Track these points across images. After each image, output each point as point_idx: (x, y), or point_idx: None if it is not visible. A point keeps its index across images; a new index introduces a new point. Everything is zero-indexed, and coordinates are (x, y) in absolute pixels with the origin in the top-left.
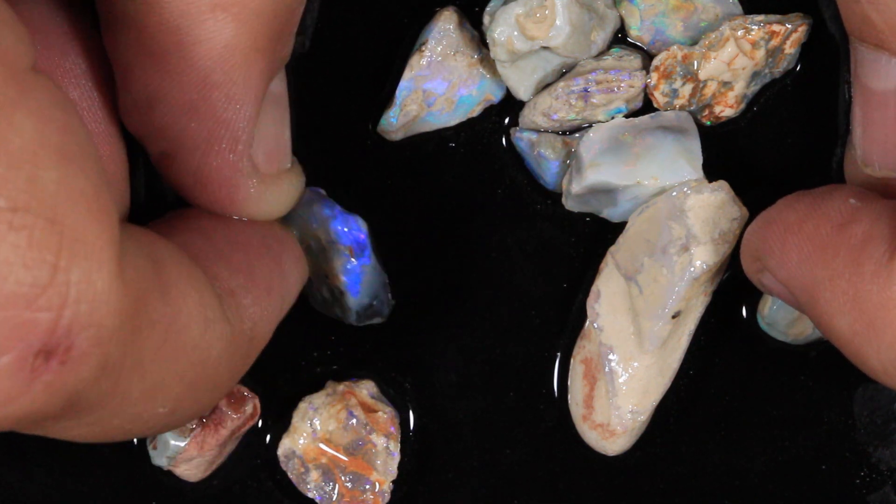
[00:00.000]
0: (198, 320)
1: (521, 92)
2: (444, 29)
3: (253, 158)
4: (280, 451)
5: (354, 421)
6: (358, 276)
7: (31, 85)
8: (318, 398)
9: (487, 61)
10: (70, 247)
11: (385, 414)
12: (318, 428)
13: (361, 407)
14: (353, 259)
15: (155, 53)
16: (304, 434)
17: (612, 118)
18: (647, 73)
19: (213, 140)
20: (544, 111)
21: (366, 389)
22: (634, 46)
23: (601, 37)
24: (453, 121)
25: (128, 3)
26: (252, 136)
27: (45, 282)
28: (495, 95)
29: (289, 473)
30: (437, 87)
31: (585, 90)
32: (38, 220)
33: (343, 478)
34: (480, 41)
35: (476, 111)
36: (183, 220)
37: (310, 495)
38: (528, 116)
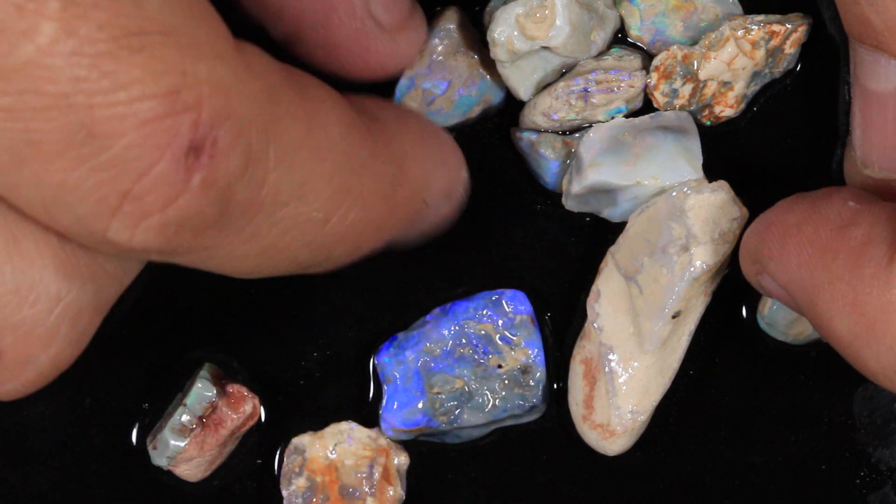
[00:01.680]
0: (337, 120)
1: (522, 92)
2: (446, 28)
3: (374, 15)
4: (295, 440)
5: (367, 475)
6: (539, 341)
7: None
8: (361, 432)
9: (488, 62)
10: (190, 50)
11: (394, 493)
12: (337, 454)
13: (384, 472)
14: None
15: None
16: (325, 446)
17: (612, 118)
18: (647, 73)
19: (331, 9)
20: (544, 111)
21: (399, 460)
22: (634, 46)
23: (601, 37)
24: (451, 121)
25: None
26: None
27: (176, 87)
28: (495, 97)
29: (284, 462)
30: (436, 86)
31: (585, 90)
32: (153, 36)
33: None
34: (482, 41)
35: (475, 112)
36: None
37: (283, 493)
38: (528, 116)
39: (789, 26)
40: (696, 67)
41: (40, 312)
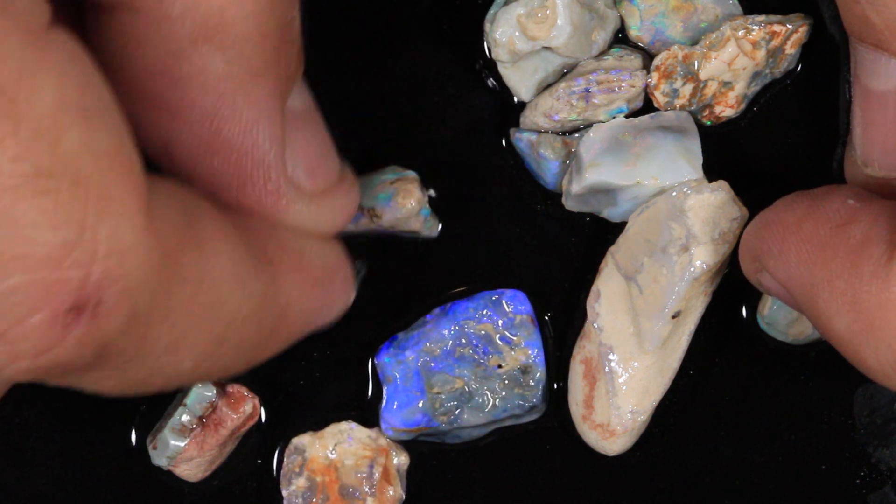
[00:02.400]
0: (229, 278)
1: (523, 92)
2: (401, 213)
3: (294, 180)
4: (295, 440)
5: (367, 475)
6: (539, 341)
7: (49, 45)
8: (361, 432)
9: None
10: (96, 204)
11: (393, 493)
12: (337, 454)
13: (384, 472)
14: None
15: (153, 98)
16: (325, 446)
17: (613, 118)
18: (648, 72)
19: (244, 174)
20: (545, 112)
21: (399, 460)
22: (635, 47)
23: (602, 37)
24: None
25: (115, 51)
26: (282, 159)
27: (73, 240)
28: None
29: (284, 462)
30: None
31: (587, 90)
32: (62, 182)
33: None
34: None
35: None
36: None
37: (283, 493)
38: (530, 117)
39: (790, 27)
40: (696, 67)
41: None
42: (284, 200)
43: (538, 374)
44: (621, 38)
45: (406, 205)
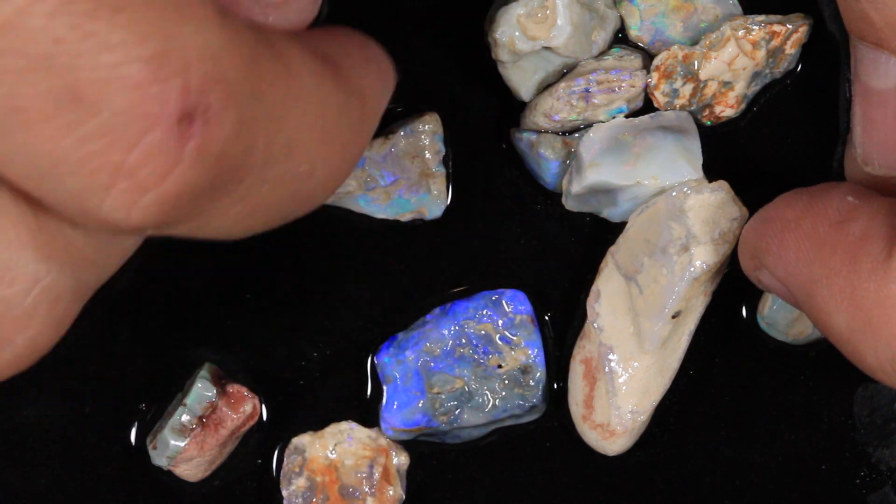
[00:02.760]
0: (307, 72)
1: (523, 92)
2: (419, 129)
3: None
4: (295, 440)
5: (367, 475)
6: (539, 340)
7: None
8: (361, 432)
9: (440, 180)
10: (174, 13)
11: (393, 493)
12: (337, 454)
13: (384, 472)
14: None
15: None
16: (325, 446)
17: (613, 118)
18: (648, 72)
19: None
20: (545, 112)
21: (399, 460)
22: (635, 46)
23: (602, 37)
24: (379, 214)
25: None
26: None
27: (161, 50)
28: (430, 212)
29: (284, 462)
30: (383, 177)
31: (587, 90)
32: (132, 1)
33: None
34: (445, 157)
35: (406, 217)
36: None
37: (283, 493)
38: (530, 117)
39: (790, 27)
40: (696, 67)
41: (17, 294)
42: (244, 5)
43: (538, 374)
44: (621, 38)
45: (424, 127)
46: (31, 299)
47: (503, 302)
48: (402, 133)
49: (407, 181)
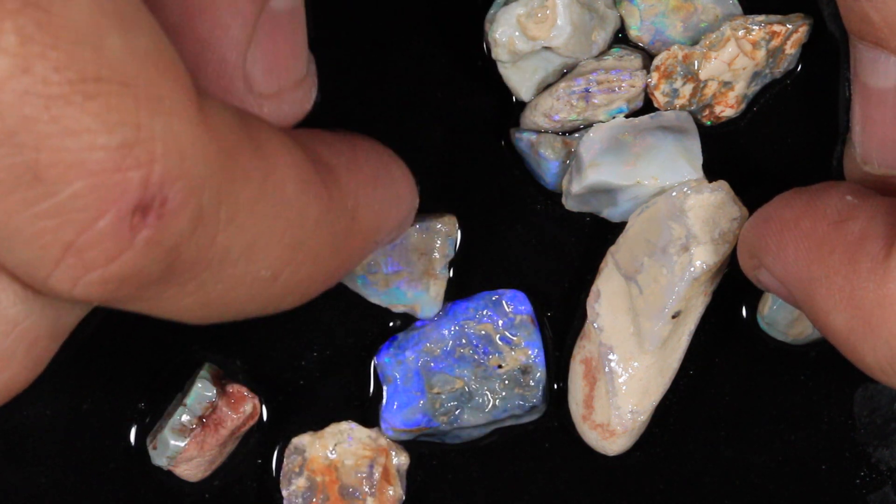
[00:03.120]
0: (291, 178)
1: (523, 92)
2: (434, 228)
3: (249, 78)
4: (295, 440)
5: (367, 475)
6: (539, 340)
7: None
8: (361, 432)
9: (441, 283)
10: (147, 104)
11: (393, 493)
12: (337, 454)
13: (384, 472)
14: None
15: None
16: (325, 446)
17: (613, 118)
18: (648, 72)
19: (201, 63)
20: (545, 112)
21: (399, 460)
22: (635, 46)
23: (602, 37)
24: (372, 298)
25: None
26: (243, 57)
27: (130, 140)
28: (422, 311)
29: (284, 462)
30: (387, 264)
31: (587, 90)
32: (110, 85)
33: None
34: (451, 262)
35: (397, 308)
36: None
37: (283, 493)
38: (529, 117)
39: (790, 27)
40: (696, 67)
41: None
42: (234, 95)
43: (538, 374)
44: (621, 38)
45: (440, 227)
46: (10, 342)
47: (503, 302)
48: (417, 227)
49: (409, 275)
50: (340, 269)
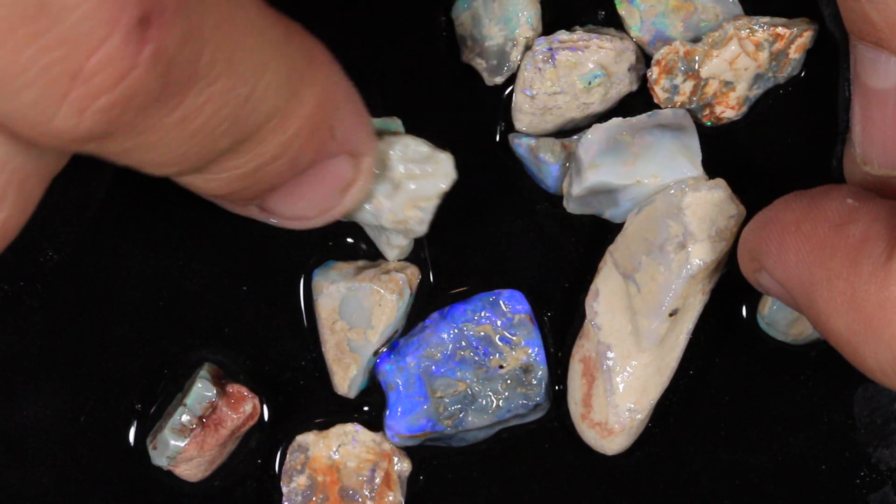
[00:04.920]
0: (253, 3)
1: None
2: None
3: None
4: (299, 438)
5: (368, 479)
6: (538, 339)
7: None
8: (365, 435)
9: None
10: None
11: (393, 499)
12: (340, 455)
13: (385, 477)
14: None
15: None
16: (328, 447)
17: (591, 83)
18: (648, 67)
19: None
20: (522, 89)
21: (401, 466)
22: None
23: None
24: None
25: None
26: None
27: None
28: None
29: (286, 459)
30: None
31: (549, 50)
32: None
33: None
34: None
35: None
36: None
37: (283, 490)
38: (516, 111)
39: (794, 30)
40: (697, 65)
41: None
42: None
43: (540, 372)
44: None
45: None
46: (2, 182)
47: (501, 302)
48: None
49: None
50: (301, 116)
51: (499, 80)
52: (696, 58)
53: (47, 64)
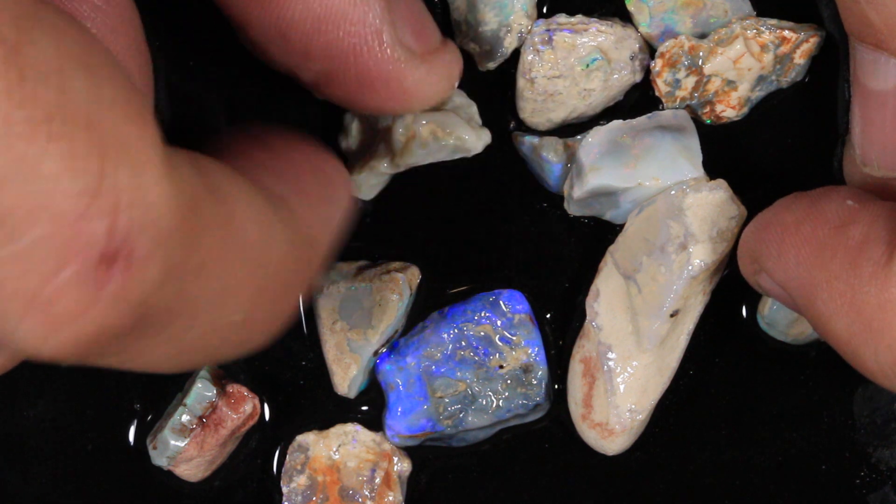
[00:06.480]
0: (252, 220)
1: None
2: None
3: (404, 43)
4: (299, 438)
5: (368, 479)
6: (538, 339)
7: (41, 7)
8: (365, 435)
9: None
10: (113, 150)
11: (393, 499)
12: (340, 455)
13: (385, 477)
14: (534, 325)
15: None
16: (329, 446)
17: (587, 66)
18: (652, 59)
19: (358, 42)
20: (524, 73)
21: (401, 466)
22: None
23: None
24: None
25: None
26: (392, 22)
27: (93, 188)
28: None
29: (287, 458)
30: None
31: (547, 31)
32: (75, 128)
33: None
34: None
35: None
36: (215, 146)
37: (283, 490)
38: (518, 98)
39: (801, 35)
40: (701, 61)
41: None
42: (401, 64)
43: (540, 372)
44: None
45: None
46: None
47: (500, 302)
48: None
49: None
50: (307, 292)
51: (492, 65)
52: (701, 53)
53: (5, 278)
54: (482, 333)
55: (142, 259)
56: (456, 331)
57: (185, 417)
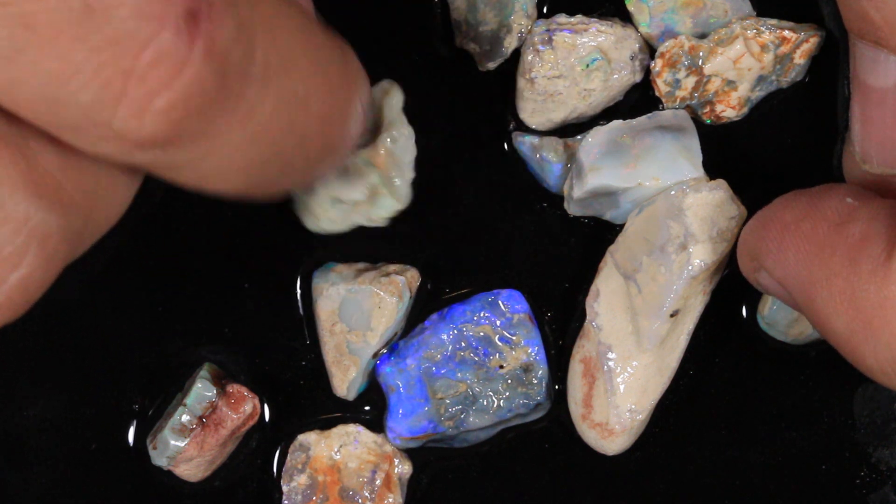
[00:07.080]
0: (291, 1)
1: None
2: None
3: None
4: (300, 437)
5: (369, 480)
6: (538, 338)
7: None
8: (367, 436)
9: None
10: None
11: (392, 501)
12: (342, 456)
13: (385, 479)
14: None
15: None
16: (330, 447)
17: (587, 66)
18: (652, 58)
19: None
20: (524, 73)
21: (402, 469)
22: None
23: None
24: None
25: None
26: None
27: None
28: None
29: (287, 458)
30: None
31: (547, 31)
32: None
33: None
34: None
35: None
36: None
37: (283, 489)
38: (518, 98)
39: (801, 35)
40: (701, 61)
41: (8, 232)
42: None
43: (540, 371)
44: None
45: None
46: (23, 238)
47: (499, 302)
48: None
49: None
50: (346, 116)
51: (491, 65)
52: (701, 54)
53: (99, 64)
54: (482, 334)
55: (219, 12)
56: (455, 332)
57: (185, 417)
